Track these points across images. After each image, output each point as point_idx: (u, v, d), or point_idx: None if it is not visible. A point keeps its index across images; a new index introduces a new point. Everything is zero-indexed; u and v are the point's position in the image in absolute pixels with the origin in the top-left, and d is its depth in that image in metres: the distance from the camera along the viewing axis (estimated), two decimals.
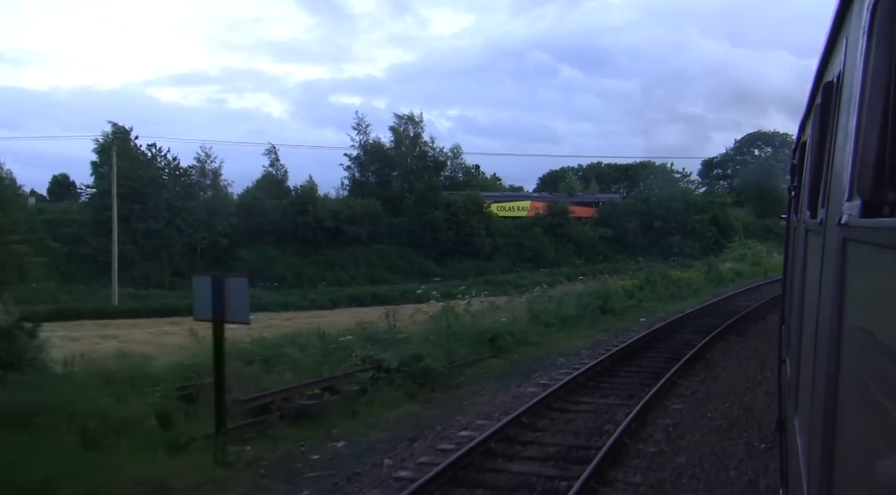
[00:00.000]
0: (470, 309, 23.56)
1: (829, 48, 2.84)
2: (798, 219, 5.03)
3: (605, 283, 31.24)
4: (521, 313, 23.18)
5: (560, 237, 66.62)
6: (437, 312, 22.55)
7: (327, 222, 61.10)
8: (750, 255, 47.38)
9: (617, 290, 28.88)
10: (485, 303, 25.07)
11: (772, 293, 29.06)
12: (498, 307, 24.18)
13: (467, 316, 21.54)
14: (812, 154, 3.47)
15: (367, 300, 53.72)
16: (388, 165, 72.66)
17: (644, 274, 32.37)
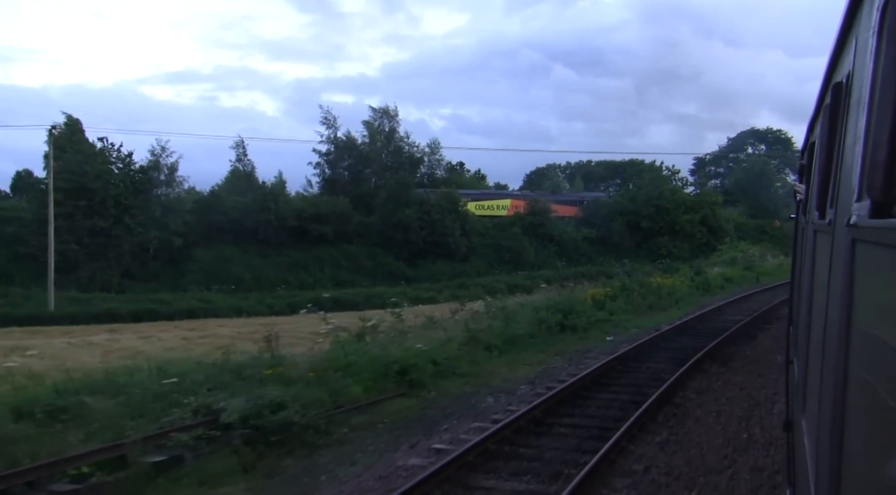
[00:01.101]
0: (400, 325, 19.58)
1: (838, 49, 2.84)
2: (807, 219, 5.04)
3: (571, 292, 27.18)
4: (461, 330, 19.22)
5: (541, 238, 62.59)
6: (357, 329, 18.60)
7: (291, 221, 56.99)
8: (741, 259, 43.24)
9: (585, 301, 24.89)
10: (420, 318, 20.97)
11: (764, 304, 25.12)
12: (435, 323, 20.11)
13: (382, 337, 17.53)
14: (821, 154, 3.46)
15: (328, 305, 49.46)
16: (361, 161, 68.59)
17: (619, 281, 28.32)
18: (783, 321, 22.50)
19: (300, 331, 29.51)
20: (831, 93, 3.10)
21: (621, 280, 28.46)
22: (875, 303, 1.50)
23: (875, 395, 1.33)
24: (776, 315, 23.67)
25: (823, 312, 2.63)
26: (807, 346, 3.77)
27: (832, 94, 3.05)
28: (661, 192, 65.03)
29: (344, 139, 68.69)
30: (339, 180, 69.01)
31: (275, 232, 56.75)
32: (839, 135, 2.68)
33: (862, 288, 1.72)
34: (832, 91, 3.07)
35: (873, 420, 1.37)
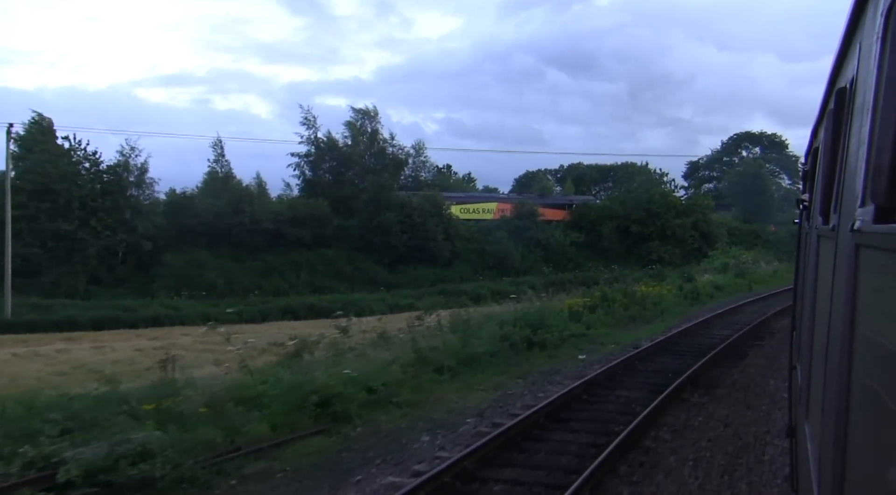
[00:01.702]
0: (345, 342, 17.38)
1: (841, 54, 2.88)
2: (810, 224, 5.11)
3: (548, 302, 24.98)
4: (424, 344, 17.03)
5: (527, 242, 60.35)
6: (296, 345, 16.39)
7: (266, 224, 54.71)
8: (733, 265, 41.03)
9: (561, 312, 22.71)
10: (368, 334, 18.75)
11: (756, 316, 22.97)
12: (387, 338, 17.88)
13: (319, 357, 15.32)
14: (824, 160, 3.44)
15: (301, 312, 47.49)
16: (342, 163, 66.37)
17: (599, 290, 26.12)
18: (777, 337, 20.37)
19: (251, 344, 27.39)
20: (835, 98, 3.09)
21: (602, 289, 26.23)
22: (878, 308, 1.50)
23: (878, 401, 1.35)
24: (769, 329, 21.51)
25: (827, 317, 2.65)
26: (810, 351, 3.82)
27: (836, 100, 3.02)
28: (651, 196, 62.88)
29: (325, 140, 66.48)
30: (319, 182, 66.87)
31: (249, 235, 54.51)
32: (843, 141, 2.70)
33: (865, 293, 1.72)
34: (836, 96, 3.04)
35: (877, 425, 1.38)
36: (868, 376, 1.53)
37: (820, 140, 4.42)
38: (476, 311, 23.69)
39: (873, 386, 1.43)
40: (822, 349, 2.75)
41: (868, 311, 1.65)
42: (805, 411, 3.91)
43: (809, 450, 3.18)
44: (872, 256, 1.59)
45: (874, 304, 1.57)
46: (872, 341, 1.49)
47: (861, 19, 2.17)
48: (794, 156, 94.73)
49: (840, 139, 2.84)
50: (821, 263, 3.52)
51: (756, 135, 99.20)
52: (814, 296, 3.88)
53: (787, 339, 20.23)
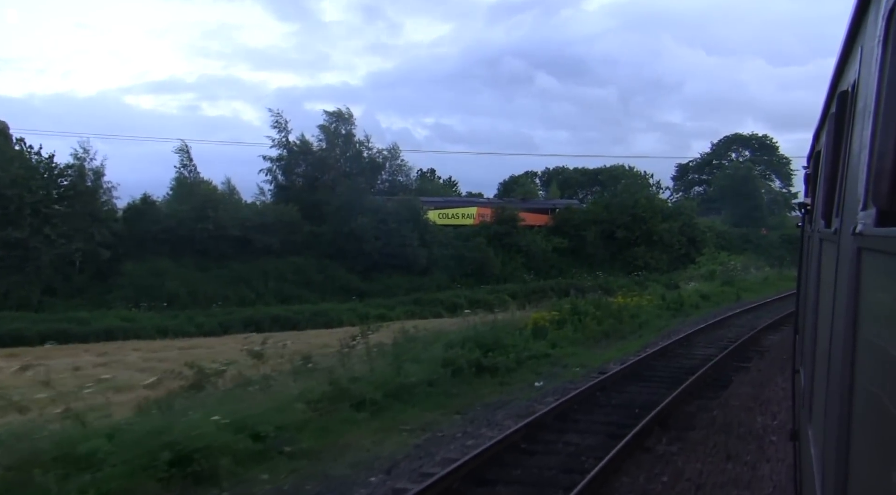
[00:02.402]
0: (257, 368, 14.78)
1: (843, 57, 2.89)
2: (813, 228, 5.09)
3: (507, 317, 22.40)
4: (348, 373, 14.43)
5: (508, 248, 57.82)
6: None
7: (232, 230, 52.00)
8: (721, 272, 38.45)
9: (524, 328, 20.15)
10: (286, 358, 16.06)
11: (744, 331, 20.47)
12: (311, 366, 15.21)
13: (218, 390, 12.71)
14: (827, 163, 3.46)
15: (265, 323, 44.77)
16: (316, 167, 63.71)
17: (569, 302, 23.53)
18: (767, 357, 17.80)
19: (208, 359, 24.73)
20: (837, 101, 3.11)
21: (572, 301, 23.61)
22: (881, 312, 1.51)
23: (881, 404, 1.35)
24: (757, 347, 18.97)
25: (829, 321, 2.66)
26: (813, 355, 3.89)
27: (838, 103, 3.06)
28: (636, 200, 60.37)
29: (298, 144, 63.83)
30: (292, 187, 64.26)
31: (214, 242, 51.81)
32: (845, 144, 2.71)
33: (868, 296, 1.72)
34: (838, 99, 3.08)
35: (880, 429, 1.38)
36: (870, 380, 1.53)
37: (822, 143, 4.43)
38: (432, 325, 21.05)
39: (876, 390, 1.43)
40: (825, 352, 2.78)
41: (870, 314, 1.65)
42: (808, 415, 3.89)
43: (813, 454, 3.17)
44: (874, 259, 1.60)
45: (876, 307, 1.57)
46: (875, 344, 1.50)
47: (862, 23, 2.18)
48: (784, 158, 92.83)
49: (842, 142, 2.87)
50: (823, 266, 3.54)
51: (746, 138, 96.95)
52: (816, 299, 3.89)
53: (778, 360, 17.69)
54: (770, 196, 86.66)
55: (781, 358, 17.20)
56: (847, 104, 2.71)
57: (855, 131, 2.27)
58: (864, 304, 1.76)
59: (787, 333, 20.87)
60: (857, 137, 2.16)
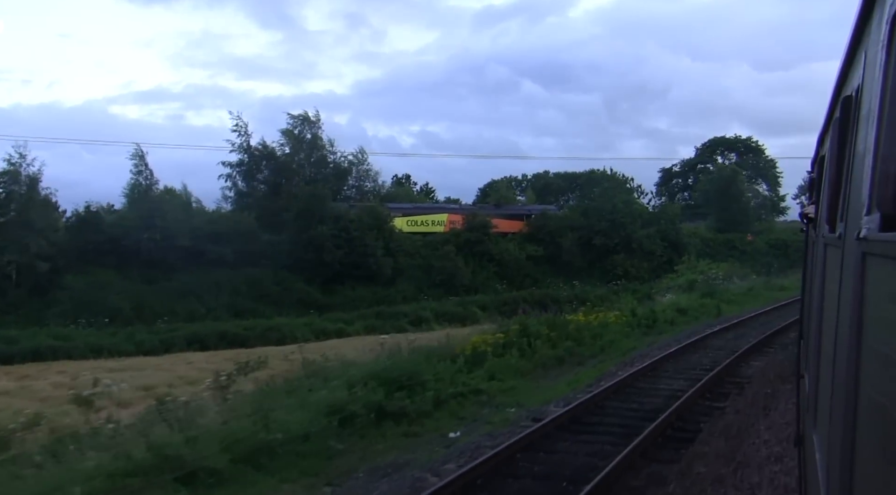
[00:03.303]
0: (86, 418, 11.43)
1: (847, 62, 2.88)
2: (817, 233, 5.15)
3: (447, 340, 19.03)
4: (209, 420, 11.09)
5: (479, 257, 54.45)
6: None
7: (182, 240, 48.46)
8: (701, 282, 35.05)
9: (459, 355, 16.81)
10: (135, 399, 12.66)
11: (722, 356, 17.22)
12: (147, 420, 11.75)
13: None
14: (830, 168, 3.45)
15: (212, 341, 41.28)
16: (279, 173, 60.33)
17: (517, 322, 20.16)
18: (748, 392, 14.43)
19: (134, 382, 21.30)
20: (841, 106, 3.11)
21: (521, 320, 20.19)
22: (885, 317, 1.51)
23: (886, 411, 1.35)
24: (736, 378, 15.65)
25: (833, 326, 2.66)
26: (817, 361, 3.87)
27: (842, 108, 3.06)
28: (615, 205, 57.12)
29: (260, 148, 60.44)
30: (253, 194, 60.90)
31: (162, 254, 48.28)
32: (849, 149, 2.71)
33: (872, 301, 1.72)
34: (842, 105, 3.07)
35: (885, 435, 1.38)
36: (875, 385, 1.52)
37: (826, 148, 4.40)
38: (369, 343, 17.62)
39: (881, 396, 1.43)
40: (829, 358, 2.79)
41: (875, 320, 1.65)
42: (813, 421, 3.92)
43: (818, 461, 3.16)
44: (879, 264, 1.60)
45: (881, 312, 1.58)
46: (879, 350, 1.50)
47: (866, 28, 2.18)
48: (771, 161, 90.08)
49: (846, 147, 2.86)
50: (827, 272, 3.57)
51: (731, 141, 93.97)
52: (821, 304, 3.92)
53: (761, 396, 14.37)
54: (757, 200, 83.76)
55: (765, 393, 13.93)
56: (851, 109, 2.71)
57: (859, 136, 2.24)
58: (869, 309, 1.75)
59: (773, 358, 17.66)
60: (860, 142, 2.16)
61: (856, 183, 2.18)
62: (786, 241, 66.01)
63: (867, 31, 2.14)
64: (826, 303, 3.46)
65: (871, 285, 1.72)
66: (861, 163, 2.02)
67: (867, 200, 1.73)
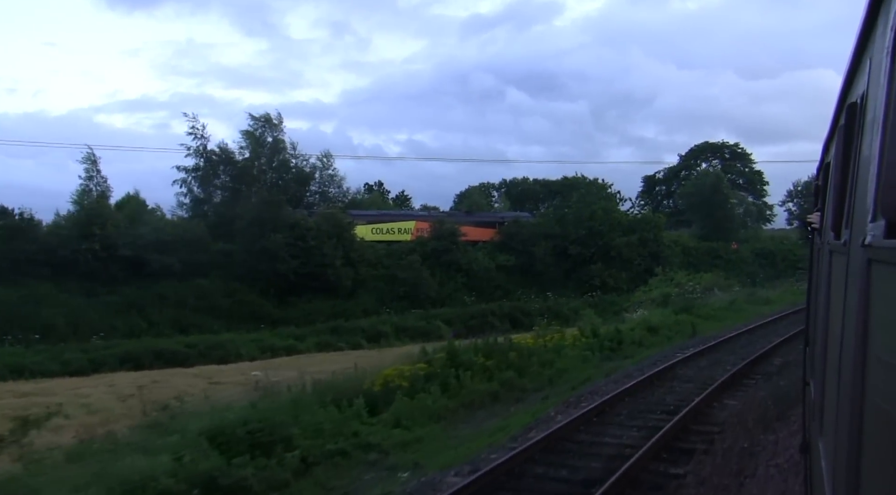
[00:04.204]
0: None
1: (852, 69, 2.88)
2: (822, 240, 5.11)
3: (360, 371, 15.63)
4: None
5: (446, 267, 51.08)
6: None
7: (124, 250, 44.89)
8: (677, 296, 31.68)
9: (360, 395, 13.45)
10: None
11: (690, 394, 13.92)
12: None
13: None
14: (836, 175, 3.45)
15: (146, 359, 37.68)
16: (238, 179, 56.83)
17: (444, 350, 16.70)
18: (718, 449, 11.11)
19: None
20: (846, 113, 3.10)
21: (450, 347, 16.72)
22: (891, 324, 1.50)
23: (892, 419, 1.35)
24: (707, 426, 12.26)
25: (839, 333, 2.65)
26: (823, 367, 3.84)
27: (846, 115, 3.05)
28: (592, 212, 53.82)
29: (217, 152, 56.94)
30: (210, 200, 57.44)
31: (103, 265, 44.66)
32: (854, 156, 2.71)
33: (877, 308, 1.72)
34: (846, 111, 3.07)
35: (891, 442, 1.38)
36: (881, 392, 1.52)
37: (831, 155, 4.43)
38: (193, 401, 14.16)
39: (886, 403, 1.42)
40: (835, 365, 2.78)
41: (880, 327, 1.65)
42: (819, 428, 3.91)
43: (823, 468, 3.14)
44: (884, 271, 1.60)
45: (886, 320, 1.57)
46: (885, 357, 1.50)
47: (871, 35, 2.18)
48: (755, 167, 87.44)
49: (851, 154, 2.87)
50: (833, 278, 3.55)
51: (716, 146, 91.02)
52: (826, 311, 3.91)
53: (735, 451, 11.06)
54: (743, 207, 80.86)
55: (741, 448, 10.64)
56: (856, 116, 2.68)
57: (864, 143, 2.26)
58: (874, 316, 1.75)
59: (753, 394, 14.40)
60: (865, 149, 2.16)
61: (861, 189, 2.18)
62: (772, 250, 63.02)
63: (872, 38, 2.15)
64: (832, 309, 3.47)
65: (877, 292, 1.72)
66: (866, 170, 2.01)
67: (872, 207, 1.74)
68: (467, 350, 16.74)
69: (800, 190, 72.46)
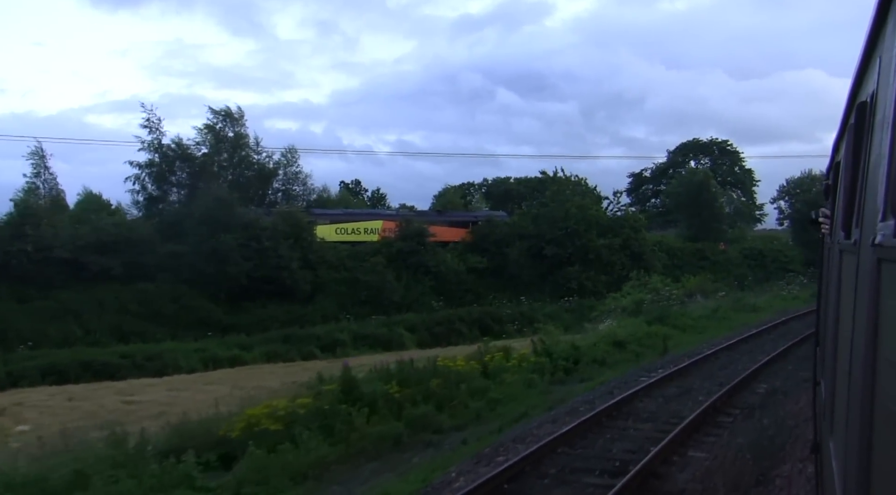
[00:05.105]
0: None
1: (862, 68, 2.86)
2: (832, 239, 5.05)
3: None
4: None
5: (413, 269, 47.64)
6: None
7: (60, 252, 41.31)
8: (651, 302, 28.21)
9: (227, 434, 10.01)
10: None
11: (648, 440, 10.49)
12: None
13: None
14: (846, 174, 3.44)
15: (72, 372, 34.18)
16: (197, 176, 53.29)
17: (340, 382, 13.18)
18: None
19: None
20: (856, 112, 3.08)
21: (345, 377, 13.18)
22: None
23: None
24: None
25: (849, 333, 2.61)
26: (833, 367, 3.78)
27: (856, 114, 3.04)
28: (567, 211, 50.41)
29: (173, 147, 53.38)
30: (165, 199, 53.92)
31: (37, 267, 41.05)
32: (864, 155, 2.68)
33: (887, 307, 1.71)
34: (856, 110, 3.05)
35: None
36: (891, 392, 1.51)
37: (841, 154, 4.38)
38: None
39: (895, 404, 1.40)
40: (845, 364, 2.74)
41: (890, 326, 1.64)
42: (829, 428, 3.86)
43: (834, 468, 3.07)
44: (894, 271, 1.59)
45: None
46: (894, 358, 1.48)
47: (881, 34, 2.15)
48: (747, 168, 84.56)
49: (861, 153, 2.83)
50: (843, 278, 3.50)
51: (705, 144, 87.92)
52: (836, 311, 3.85)
53: None
54: (732, 206, 77.76)
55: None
56: (866, 115, 2.64)
57: (874, 142, 2.23)
58: (884, 315, 1.74)
59: (728, 441, 11.05)
60: (875, 148, 2.14)
61: (871, 189, 2.16)
62: (762, 251, 59.81)
63: (881, 37, 2.13)
64: (841, 308, 3.41)
65: (887, 291, 1.72)
66: (876, 169, 2.00)
67: (882, 206, 1.74)
68: (374, 378, 13.30)
69: (791, 187, 69.29)
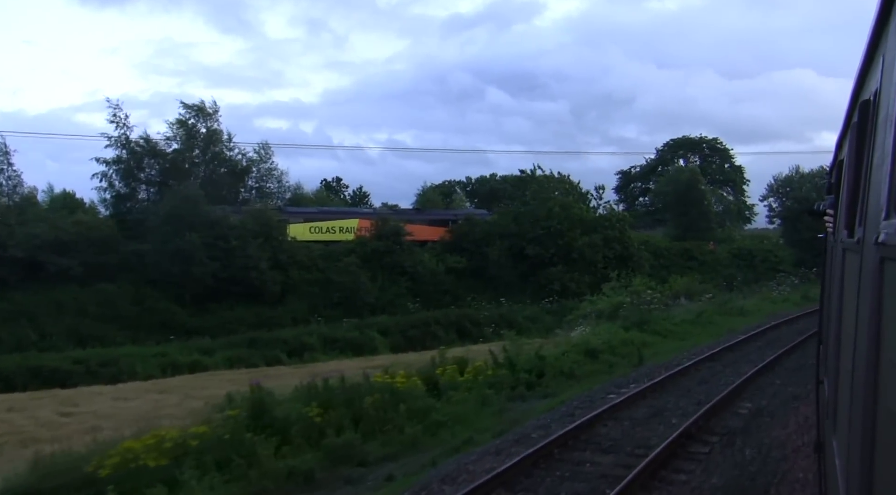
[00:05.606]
0: None
1: (865, 67, 2.86)
2: (836, 238, 5.01)
3: None
4: None
5: (389, 269, 45.76)
6: None
7: (14, 251, 39.26)
8: (630, 307, 26.30)
9: (89, 475, 8.10)
10: None
11: (607, 474, 8.47)
12: None
13: None
14: (849, 173, 3.41)
15: (21, 379, 32.18)
16: (168, 173, 51.28)
17: (250, 404, 11.26)
18: None
19: None
20: (859, 111, 3.07)
21: (255, 398, 11.28)
22: None
23: None
24: None
25: (852, 331, 2.60)
26: (836, 366, 3.78)
27: (859, 112, 3.02)
28: (550, 209, 48.61)
29: (142, 143, 51.36)
30: (133, 197, 51.94)
31: None
32: (867, 153, 2.68)
33: (891, 306, 1.70)
34: (859, 109, 3.04)
35: None
36: (894, 391, 1.50)
37: (844, 153, 4.36)
38: None
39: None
40: (848, 363, 2.72)
41: (893, 325, 1.63)
42: (832, 426, 3.83)
43: (837, 466, 3.07)
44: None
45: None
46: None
47: (884, 32, 2.15)
48: (738, 165, 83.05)
49: (864, 152, 2.82)
50: (846, 277, 3.50)
51: (695, 141, 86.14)
52: (839, 309, 3.83)
53: None
54: (721, 205, 76.12)
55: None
56: (869, 113, 2.67)
57: (877, 141, 2.23)
58: (887, 314, 1.73)
59: (705, 481, 9.19)
60: (878, 146, 2.13)
61: (874, 187, 2.14)
62: (751, 250, 58.16)
63: (884, 36, 2.12)
64: (844, 307, 3.40)
65: (890, 290, 1.70)
66: (879, 168, 2.00)
67: (885, 205, 1.73)
68: (295, 397, 11.43)
69: (780, 184, 67.65)
